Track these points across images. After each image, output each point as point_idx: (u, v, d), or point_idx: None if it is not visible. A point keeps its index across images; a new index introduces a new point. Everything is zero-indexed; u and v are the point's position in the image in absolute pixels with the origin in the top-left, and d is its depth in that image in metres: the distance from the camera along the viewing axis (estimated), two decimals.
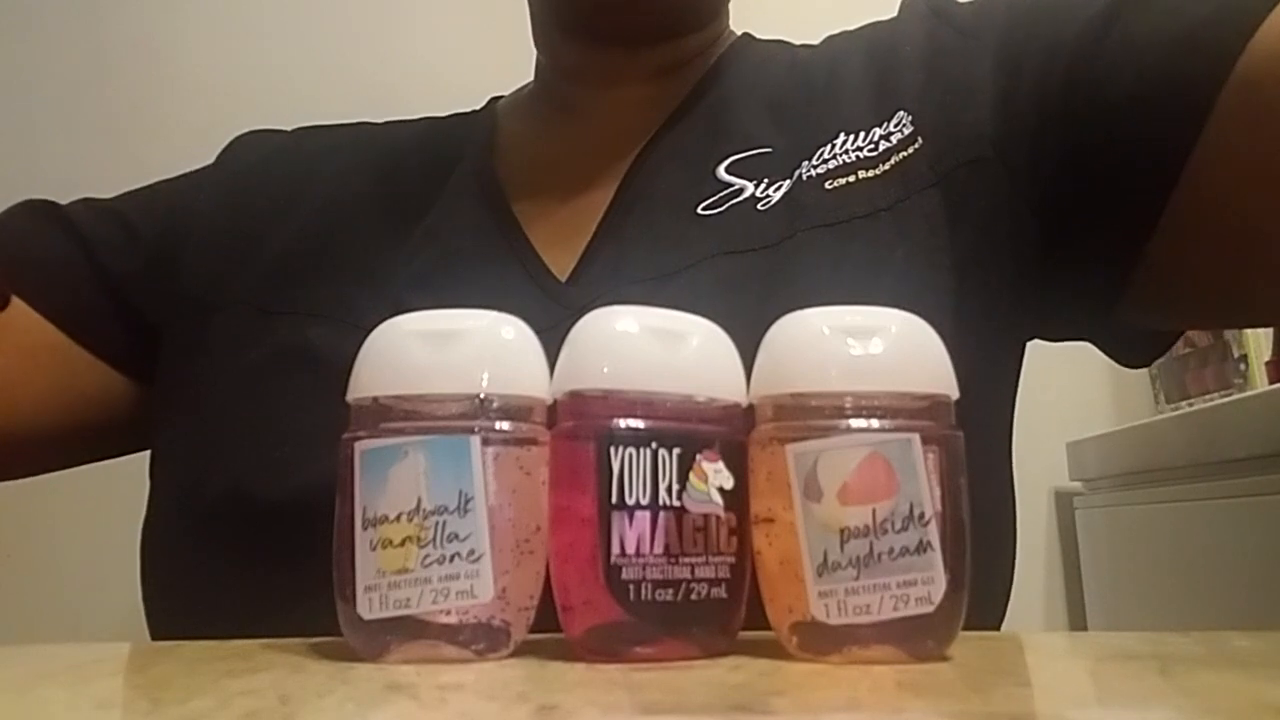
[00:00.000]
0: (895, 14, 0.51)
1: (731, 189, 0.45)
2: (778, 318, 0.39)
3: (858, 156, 0.44)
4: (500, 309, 0.44)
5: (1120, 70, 0.41)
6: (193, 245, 0.52)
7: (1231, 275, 0.42)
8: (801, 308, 0.38)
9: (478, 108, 0.58)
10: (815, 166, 0.44)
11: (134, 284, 0.52)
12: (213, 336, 0.48)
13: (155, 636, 0.45)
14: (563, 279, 0.45)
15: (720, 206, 0.44)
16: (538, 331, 0.43)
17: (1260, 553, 0.80)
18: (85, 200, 0.55)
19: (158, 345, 0.51)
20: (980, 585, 0.41)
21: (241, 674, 0.26)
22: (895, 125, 0.44)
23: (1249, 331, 1.00)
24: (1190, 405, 1.05)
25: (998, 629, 0.45)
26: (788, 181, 0.44)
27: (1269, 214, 0.39)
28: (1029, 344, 0.48)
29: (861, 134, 0.45)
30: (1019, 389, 0.47)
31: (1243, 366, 1.01)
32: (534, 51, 0.56)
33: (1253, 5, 0.38)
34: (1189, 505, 0.92)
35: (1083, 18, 0.42)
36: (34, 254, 0.52)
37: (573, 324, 0.30)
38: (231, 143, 0.58)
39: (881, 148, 0.44)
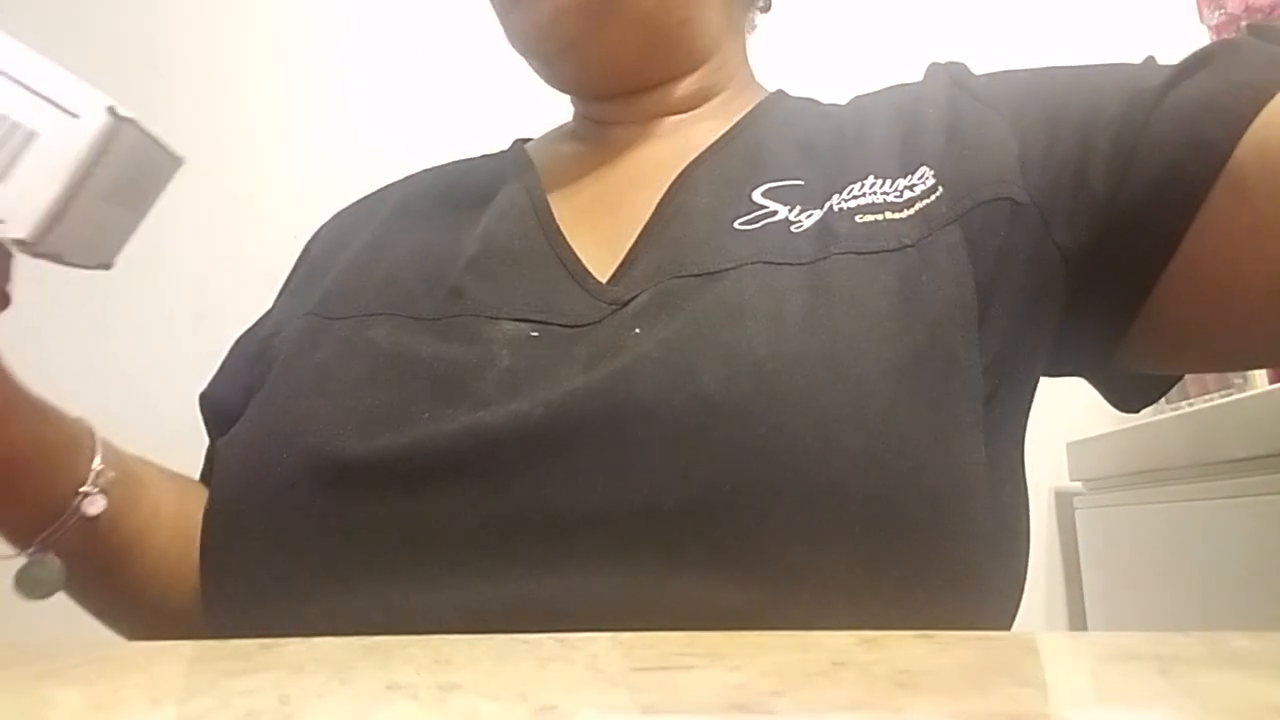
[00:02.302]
0: (920, 79, 0.55)
1: (766, 210, 0.48)
2: (825, 325, 0.41)
3: (885, 199, 0.47)
4: (548, 303, 0.47)
5: (1157, 139, 0.44)
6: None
7: (1220, 325, 0.45)
8: (845, 321, 0.41)
9: (505, 148, 0.63)
10: (845, 200, 0.47)
11: None
12: (278, 346, 0.51)
13: (216, 623, 0.45)
14: (604, 280, 0.48)
15: (756, 224, 0.47)
16: (582, 325, 0.45)
17: (1260, 553, 0.80)
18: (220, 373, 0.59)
19: None
20: (995, 586, 0.42)
21: (241, 674, 0.26)
22: (919, 178, 0.47)
23: None
24: (1190, 405, 1.05)
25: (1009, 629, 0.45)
26: (819, 211, 0.47)
27: (1261, 275, 0.42)
28: None
29: (888, 180, 0.47)
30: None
31: None
32: None
33: (1268, 78, 0.42)
34: (1189, 505, 0.92)
35: (1131, 89, 0.45)
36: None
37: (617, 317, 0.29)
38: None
39: (906, 195, 0.47)
